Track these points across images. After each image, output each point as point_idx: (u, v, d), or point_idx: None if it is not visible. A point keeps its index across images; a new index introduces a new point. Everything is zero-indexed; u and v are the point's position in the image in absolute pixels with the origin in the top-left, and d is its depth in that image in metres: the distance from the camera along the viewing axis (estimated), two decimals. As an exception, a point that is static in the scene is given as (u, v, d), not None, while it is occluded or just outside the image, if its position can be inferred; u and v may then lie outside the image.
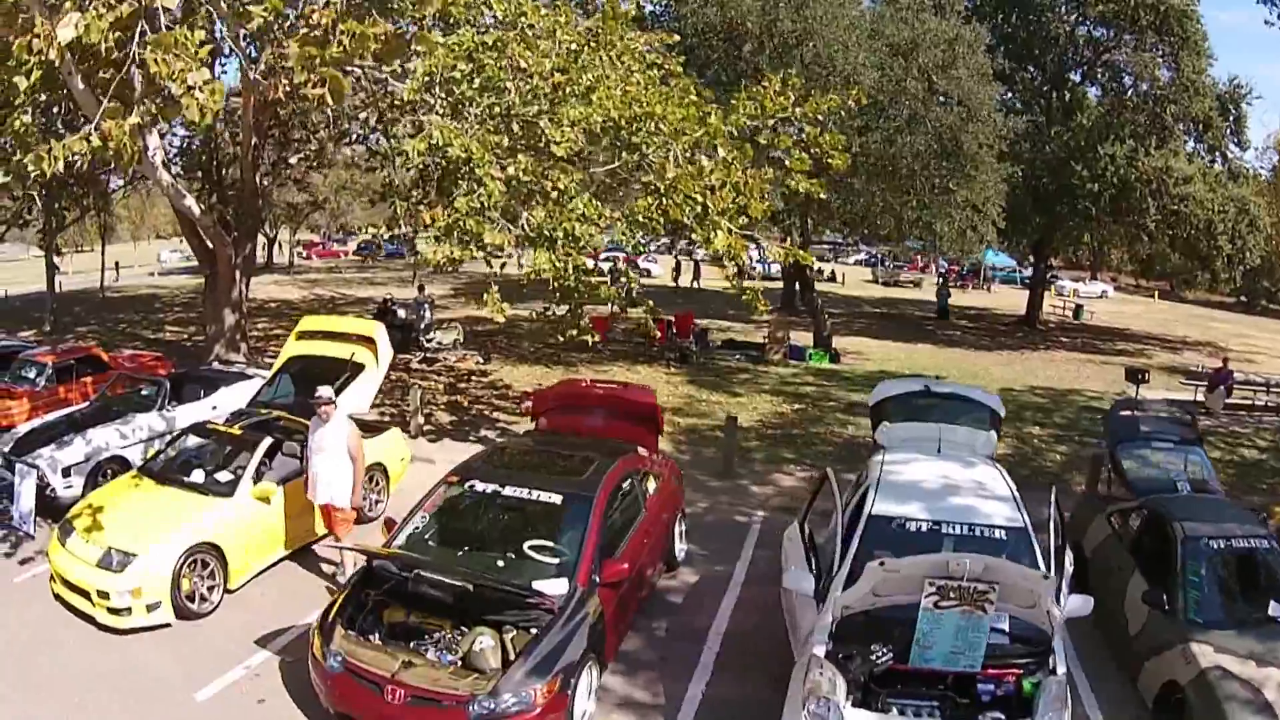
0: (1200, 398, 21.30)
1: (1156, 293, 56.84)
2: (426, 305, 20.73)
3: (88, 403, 13.52)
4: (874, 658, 5.91)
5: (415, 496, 8.58)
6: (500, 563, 7.41)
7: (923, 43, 23.38)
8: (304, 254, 63.97)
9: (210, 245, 18.90)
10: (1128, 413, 11.12)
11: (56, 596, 9.08)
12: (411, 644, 6.79)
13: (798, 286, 30.76)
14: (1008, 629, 6.19)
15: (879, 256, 57.57)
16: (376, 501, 11.39)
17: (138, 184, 31.75)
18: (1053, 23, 31.16)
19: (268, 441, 10.07)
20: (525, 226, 12.29)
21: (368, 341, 12.00)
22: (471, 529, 8.04)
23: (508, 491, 7.89)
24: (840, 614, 6.03)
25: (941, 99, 23.87)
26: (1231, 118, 31.19)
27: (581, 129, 12.20)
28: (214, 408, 13.58)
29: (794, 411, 18.40)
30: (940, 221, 24.94)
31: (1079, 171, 28.87)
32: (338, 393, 11.12)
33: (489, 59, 11.84)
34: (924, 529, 6.96)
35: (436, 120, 11.94)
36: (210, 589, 9.02)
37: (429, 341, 21.61)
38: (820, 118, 13.95)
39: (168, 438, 12.37)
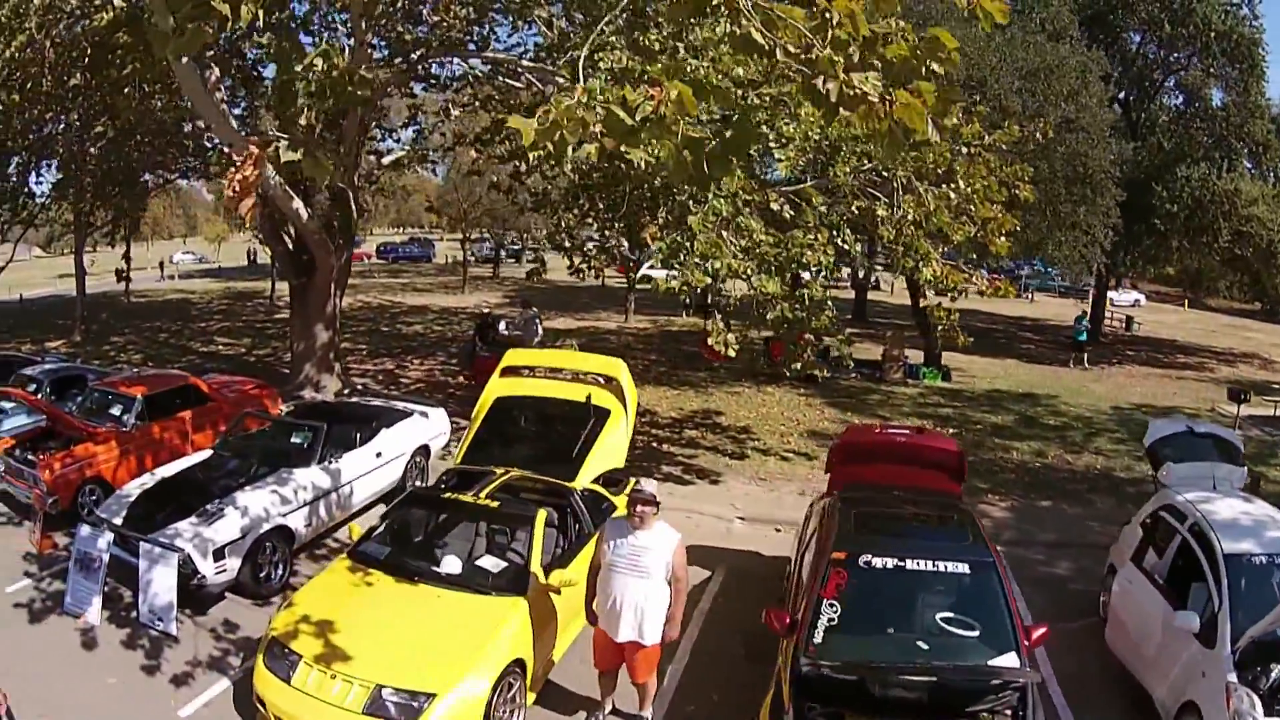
0: (1282, 413, 20.43)
1: (1186, 301, 55.68)
2: (538, 320, 17.79)
3: (210, 451, 10.38)
4: (1274, 676, 6.18)
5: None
6: (922, 644, 6.22)
7: (1057, 69, 22.49)
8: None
9: (304, 253, 16.11)
10: None
11: (277, 748, 6.15)
12: None
13: (915, 303, 29.40)
14: None
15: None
16: None
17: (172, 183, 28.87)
18: (1128, 44, 29.99)
19: (544, 515, 7.35)
20: (736, 248, 10.55)
21: (608, 381, 9.24)
22: (884, 612, 6.68)
23: (910, 565, 6.62)
24: (1245, 644, 6.27)
25: (1070, 125, 22.66)
26: (1284, 138, 30.04)
27: (796, 147, 10.83)
28: (378, 454, 10.69)
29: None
30: (1051, 244, 24.04)
31: (1159, 192, 27.61)
32: (584, 446, 8.51)
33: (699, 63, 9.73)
34: (1264, 562, 7.10)
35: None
36: (511, 713, 6.42)
37: (544, 363, 18.52)
38: (1004, 146, 12.79)
39: (353, 502, 9.96)
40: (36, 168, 21.11)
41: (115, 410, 11.50)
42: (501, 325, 19.11)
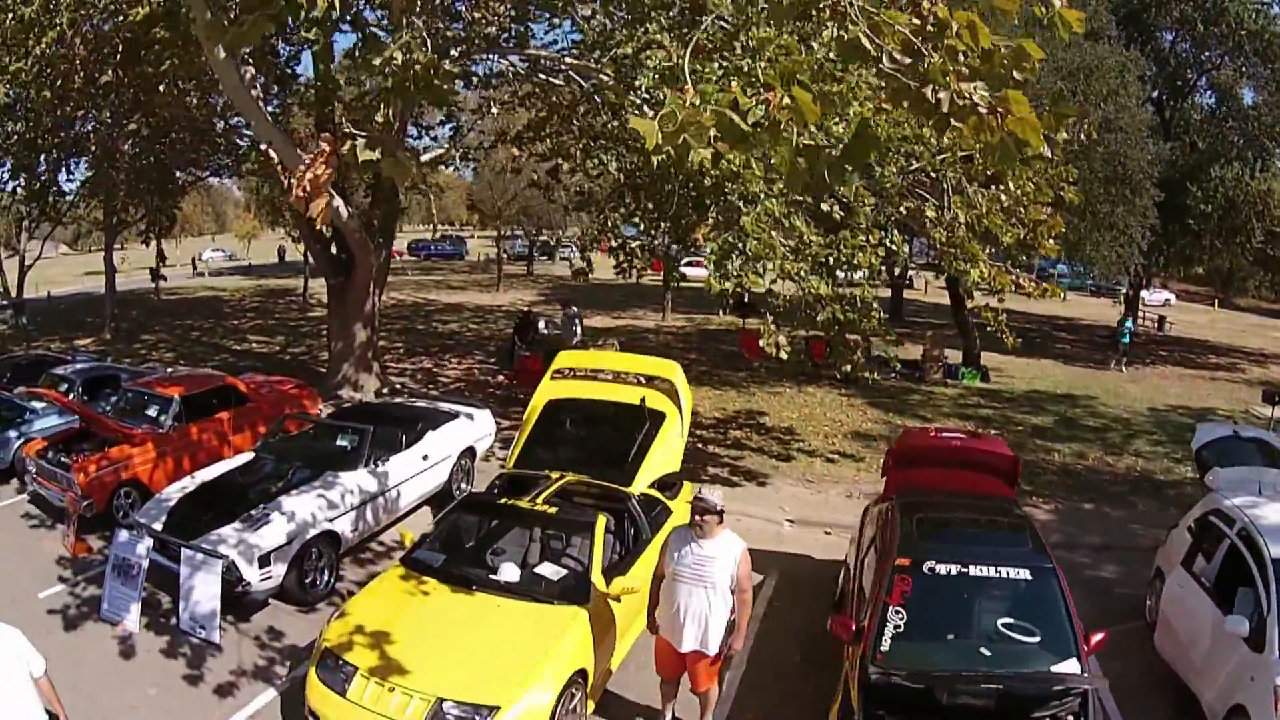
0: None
1: (1216, 301, 54.86)
2: (578, 319, 17.49)
3: (250, 454, 10.09)
4: None
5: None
6: (985, 651, 6.13)
7: (1096, 69, 22.31)
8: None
9: (343, 252, 15.91)
10: None
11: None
12: None
13: (954, 303, 29.29)
14: None
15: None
16: None
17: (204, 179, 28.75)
18: (1162, 42, 29.65)
19: (604, 521, 7.08)
20: (787, 249, 10.31)
21: (660, 383, 8.95)
22: (946, 618, 6.56)
23: (973, 572, 6.51)
24: None
25: (1109, 125, 22.39)
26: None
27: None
28: (424, 457, 10.41)
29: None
30: (1090, 245, 23.80)
31: (1194, 192, 27.22)
32: (640, 450, 8.20)
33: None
34: None
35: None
36: None
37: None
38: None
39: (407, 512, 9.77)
40: (67, 165, 20.91)
41: (151, 411, 11.19)
42: (541, 324, 18.87)
